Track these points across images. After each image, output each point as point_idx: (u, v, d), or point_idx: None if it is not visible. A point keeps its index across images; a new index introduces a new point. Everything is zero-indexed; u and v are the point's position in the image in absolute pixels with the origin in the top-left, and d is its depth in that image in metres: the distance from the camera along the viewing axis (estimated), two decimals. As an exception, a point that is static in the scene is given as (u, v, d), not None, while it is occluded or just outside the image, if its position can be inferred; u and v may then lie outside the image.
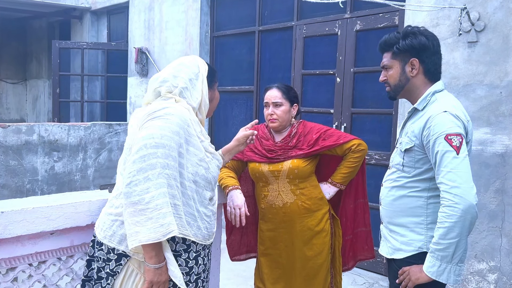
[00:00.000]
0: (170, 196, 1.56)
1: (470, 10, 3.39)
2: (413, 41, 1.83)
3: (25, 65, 9.85)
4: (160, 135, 1.56)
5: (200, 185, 1.71)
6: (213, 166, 1.79)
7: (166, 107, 1.65)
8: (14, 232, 1.67)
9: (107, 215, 1.70)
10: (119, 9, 7.29)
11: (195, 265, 1.71)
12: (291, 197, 2.37)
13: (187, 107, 1.73)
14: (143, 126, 1.62)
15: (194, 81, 1.79)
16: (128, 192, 1.51)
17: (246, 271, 3.86)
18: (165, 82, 1.76)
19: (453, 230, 1.65)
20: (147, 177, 1.51)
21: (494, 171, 3.33)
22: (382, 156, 4.12)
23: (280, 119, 2.39)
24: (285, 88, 2.44)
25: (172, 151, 1.58)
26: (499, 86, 3.30)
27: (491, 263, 3.38)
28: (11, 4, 7.61)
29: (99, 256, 1.69)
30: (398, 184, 1.90)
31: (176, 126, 1.61)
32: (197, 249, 1.72)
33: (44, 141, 4.85)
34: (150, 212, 1.49)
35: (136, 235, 1.50)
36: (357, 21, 4.26)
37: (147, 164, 1.52)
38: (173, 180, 1.57)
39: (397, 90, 1.93)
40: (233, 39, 5.68)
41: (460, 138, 1.70)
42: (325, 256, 2.42)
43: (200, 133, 1.76)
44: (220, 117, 5.91)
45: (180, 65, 1.81)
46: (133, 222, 1.50)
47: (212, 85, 1.90)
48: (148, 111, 1.67)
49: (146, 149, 1.53)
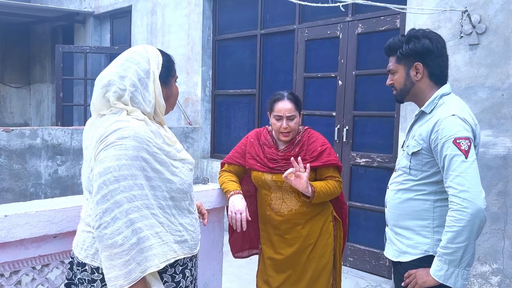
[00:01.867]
0: (148, 227, 1.43)
1: (471, 13, 3.39)
2: (416, 45, 1.83)
3: (28, 69, 9.90)
4: (118, 166, 1.40)
5: (177, 199, 1.59)
6: (186, 173, 1.63)
7: (118, 128, 1.44)
8: (18, 236, 1.68)
9: (86, 233, 1.55)
10: (122, 13, 7.33)
11: (182, 278, 1.60)
12: (295, 203, 2.37)
13: (142, 118, 1.51)
14: (97, 158, 1.44)
15: (145, 80, 1.54)
16: (99, 236, 1.39)
17: (248, 274, 3.86)
18: (111, 86, 1.53)
19: (462, 234, 1.65)
20: (115, 217, 1.38)
21: (497, 173, 3.32)
22: (384, 159, 4.12)
23: (293, 132, 2.39)
24: (295, 98, 2.40)
25: (136, 179, 1.43)
26: (501, 88, 3.30)
27: (494, 265, 3.37)
28: (15, 9, 7.66)
29: (83, 277, 1.53)
30: (404, 187, 1.90)
31: (132, 150, 1.43)
32: (184, 262, 1.61)
33: (47, 145, 4.87)
34: (125, 254, 1.38)
35: (116, 279, 1.39)
36: (358, 24, 4.27)
37: (111, 203, 1.38)
38: (146, 210, 1.44)
39: (403, 94, 1.94)
40: (235, 42, 5.69)
41: (469, 142, 1.69)
42: (328, 258, 2.43)
43: (164, 143, 1.55)
44: (222, 120, 5.92)
45: (127, 61, 1.55)
46: (111, 266, 1.39)
47: (169, 80, 1.64)
48: (99, 135, 1.46)
49: (106, 187, 1.39)
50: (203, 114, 5.91)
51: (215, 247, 2.43)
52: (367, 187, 4.30)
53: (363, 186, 4.34)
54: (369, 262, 4.24)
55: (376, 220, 4.21)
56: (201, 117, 5.89)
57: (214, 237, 2.41)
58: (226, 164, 2.54)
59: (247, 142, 2.52)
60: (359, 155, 4.30)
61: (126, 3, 6.97)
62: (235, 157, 2.52)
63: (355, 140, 4.37)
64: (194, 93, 5.92)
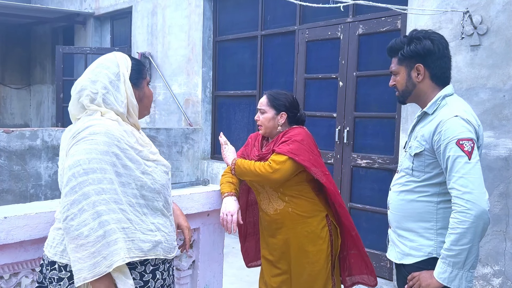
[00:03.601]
0: (115, 221, 1.44)
1: (473, 14, 3.38)
2: (417, 47, 1.82)
3: (29, 70, 9.90)
4: (87, 159, 1.43)
5: (148, 198, 1.58)
6: (159, 174, 1.63)
7: (90, 125, 1.50)
8: (17, 237, 1.67)
9: (56, 230, 1.57)
10: (122, 14, 7.33)
11: (151, 279, 1.58)
12: (280, 203, 2.37)
13: (116, 119, 1.57)
14: (68, 153, 1.48)
15: (116, 82, 1.60)
16: (66, 228, 1.40)
17: (249, 276, 3.86)
18: (84, 91, 1.60)
19: (465, 236, 1.63)
20: (82, 209, 1.40)
21: (498, 175, 3.31)
22: (385, 160, 4.11)
23: (264, 126, 2.43)
24: (274, 95, 2.43)
25: (105, 173, 1.45)
26: (502, 90, 3.29)
27: (496, 267, 3.36)
28: (15, 10, 7.66)
29: (52, 277, 1.53)
30: (407, 188, 1.88)
31: (103, 145, 1.47)
32: (155, 263, 1.59)
33: (47, 146, 4.86)
34: (91, 246, 1.38)
35: (79, 272, 1.39)
36: (359, 25, 4.26)
37: (79, 194, 1.40)
38: (114, 204, 1.45)
39: (405, 95, 1.93)
40: (236, 43, 5.69)
41: (472, 143, 1.68)
42: (323, 264, 2.37)
43: (136, 143, 1.59)
44: (223, 122, 5.92)
45: (98, 67, 1.63)
46: (76, 259, 1.39)
47: (140, 82, 1.70)
48: (72, 133, 1.53)
49: (75, 179, 1.42)
50: (203, 115, 5.90)
51: (216, 248, 2.41)
52: (368, 189, 4.29)
53: (364, 188, 4.32)
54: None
55: (377, 222, 4.20)
56: (202, 118, 5.89)
57: (214, 238, 2.40)
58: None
59: (248, 143, 2.60)
60: (360, 156, 4.29)
61: (127, 4, 6.97)
62: (238, 157, 2.52)
63: (356, 141, 4.36)
64: (194, 94, 5.92)
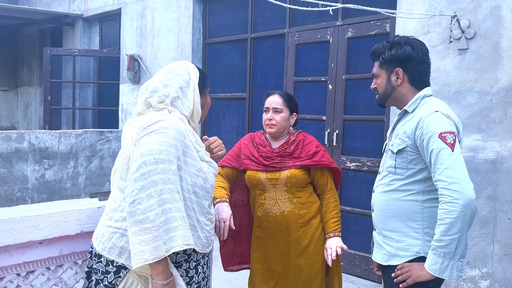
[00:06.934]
0: (176, 210, 1.54)
1: (461, 18, 3.41)
2: (398, 52, 1.90)
3: (16, 72, 9.78)
4: (159, 150, 1.55)
5: (199, 195, 1.70)
6: (211, 175, 1.78)
7: (161, 119, 1.62)
8: (1, 242, 1.64)
9: (106, 227, 1.68)
10: (111, 16, 7.28)
11: (195, 274, 1.72)
12: (288, 205, 2.36)
13: (181, 117, 1.71)
14: (139, 142, 1.59)
15: (185, 89, 1.76)
16: (132, 211, 1.50)
17: (239, 279, 3.84)
18: (156, 92, 1.72)
19: (454, 226, 1.66)
20: (150, 195, 1.50)
21: (486, 178, 3.34)
22: (374, 163, 4.13)
23: (278, 125, 2.40)
24: (287, 95, 2.47)
25: (171, 165, 1.56)
26: (490, 93, 3.32)
27: (484, 269, 3.38)
28: (2, 11, 7.56)
29: (98, 268, 1.67)
30: (391, 188, 1.90)
31: (173, 139, 1.59)
32: (197, 258, 1.73)
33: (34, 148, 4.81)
34: (155, 230, 1.48)
35: (141, 254, 1.48)
36: (348, 29, 4.28)
37: (148, 181, 1.51)
38: (177, 194, 1.56)
39: (384, 98, 2.00)
40: (226, 46, 5.68)
41: (454, 136, 1.73)
42: (320, 265, 2.39)
43: (196, 142, 1.73)
44: (212, 124, 5.90)
45: (170, 73, 1.77)
46: (138, 241, 1.49)
47: (204, 91, 1.87)
48: (142, 124, 1.64)
49: (146, 167, 1.52)
50: (193, 118, 5.87)
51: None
52: (357, 191, 4.31)
53: (353, 190, 4.34)
54: (359, 266, 4.23)
55: (366, 224, 4.21)
56: (191, 120, 5.85)
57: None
58: (219, 167, 2.52)
59: (241, 145, 2.54)
60: (349, 159, 4.30)
61: (116, 6, 6.93)
62: (228, 159, 2.51)
63: (345, 144, 4.37)
64: (184, 97, 5.88)
